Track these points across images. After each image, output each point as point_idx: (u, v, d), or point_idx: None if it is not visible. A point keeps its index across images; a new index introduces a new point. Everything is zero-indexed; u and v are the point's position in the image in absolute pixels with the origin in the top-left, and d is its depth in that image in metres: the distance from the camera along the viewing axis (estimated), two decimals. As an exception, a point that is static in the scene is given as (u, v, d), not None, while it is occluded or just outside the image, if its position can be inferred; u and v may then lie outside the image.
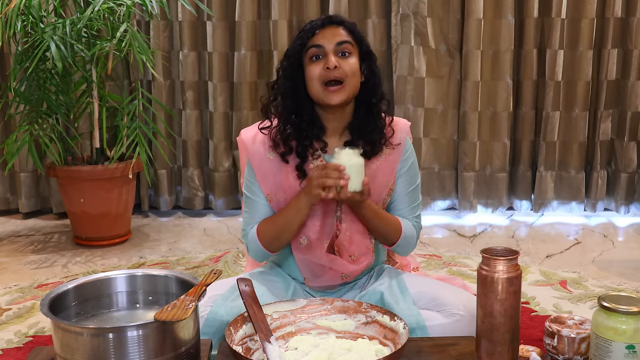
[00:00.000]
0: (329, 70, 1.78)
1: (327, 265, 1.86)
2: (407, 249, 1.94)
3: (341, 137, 1.88)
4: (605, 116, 3.67)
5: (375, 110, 1.86)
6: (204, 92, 3.79)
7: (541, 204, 3.74)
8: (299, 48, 1.82)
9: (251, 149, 1.89)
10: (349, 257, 1.87)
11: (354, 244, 1.87)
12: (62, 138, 3.31)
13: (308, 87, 1.82)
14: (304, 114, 1.84)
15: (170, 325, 1.40)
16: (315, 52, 1.81)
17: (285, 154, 1.84)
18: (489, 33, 3.59)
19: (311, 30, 1.82)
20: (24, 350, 2.18)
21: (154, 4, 3.15)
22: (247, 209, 1.92)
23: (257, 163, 1.88)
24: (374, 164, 1.87)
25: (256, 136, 1.90)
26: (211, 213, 3.85)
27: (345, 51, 1.81)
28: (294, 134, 1.84)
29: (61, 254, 3.19)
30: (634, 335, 1.42)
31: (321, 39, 1.81)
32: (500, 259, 1.47)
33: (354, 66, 1.81)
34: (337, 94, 1.79)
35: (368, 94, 1.86)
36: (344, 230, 1.85)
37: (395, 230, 1.88)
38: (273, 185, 1.86)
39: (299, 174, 1.84)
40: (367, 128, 1.85)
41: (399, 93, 3.68)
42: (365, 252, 1.89)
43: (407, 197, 1.93)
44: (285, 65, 1.85)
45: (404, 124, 1.95)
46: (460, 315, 1.74)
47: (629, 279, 2.80)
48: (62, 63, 3.01)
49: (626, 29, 3.57)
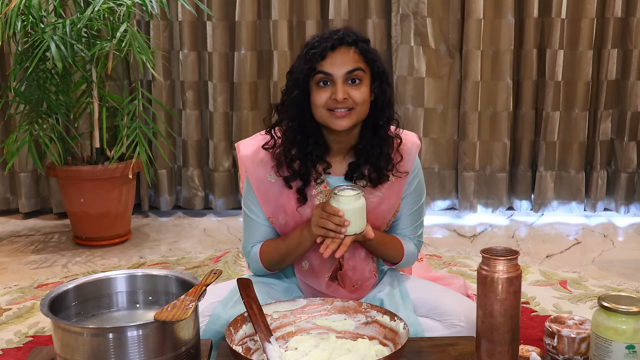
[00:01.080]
0: (336, 102, 1.69)
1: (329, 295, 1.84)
2: (408, 265, 1.93)
3: (345, 158, 1.82)
4: (605, 116, 3.67)
5: (382, 133, 1.78)
6: (204, 92, 3.79)
7: (541, 204, 3.74)
8: (307, 72, 1.71)
9: (251, 169, 1.82)
10: (352, 287, 1.85)
11: (357, 272, 1.84)
12: (62, 138, 3.31)
13: (313, 111, 1.74)
14: (309, 136, 1.76)
15: (170, 325, 1.40)
16: (323, 79, 1.71)
17: (289, 179, 1.78)
18: (489, 33, 3.59)
19: (321, 53, 1.69)
20: (24, 350, 2.18)
21: (154, 4, 3.15)
22: (247, 227, 1.87)
23: (257, 184, 1.82)
24: (379, 192, 1.81)
25: (257, 154, 1.81)
26: (211, 213, 3.85)
27: (356, 78, 1.71)
28: (297, 155, 1.77)
29: (61, 254, 3.19)
30: (634, 335, 1.42)
31: (330, 66, 1.69)
32: (500, 259, 1.47)
33: (363, 94, 1.72)
34: (344, 119, 1.71)
35: (376, 114, 1.77)
36: (347, 259, 1.81)
37: (398, 253, 1.86)
38: (275, 208, 1.82)
39: (300, 198, 1.78)
40: (373, 152, 1.78)
41: (399, 93, 3.68)
42: (369, 277, 1.87)
43: (411, 216, 1.89)
44: (291, 87, 1.74)
45: (412, 146, 1.86)
46: (460, 327, 1.75)
47: (629, 279, 2.80)
48: (62, 63, 3.01)
49: (626, 29, 3.57)
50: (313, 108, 1.73)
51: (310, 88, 1.73)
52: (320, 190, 1.79)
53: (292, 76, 1.74)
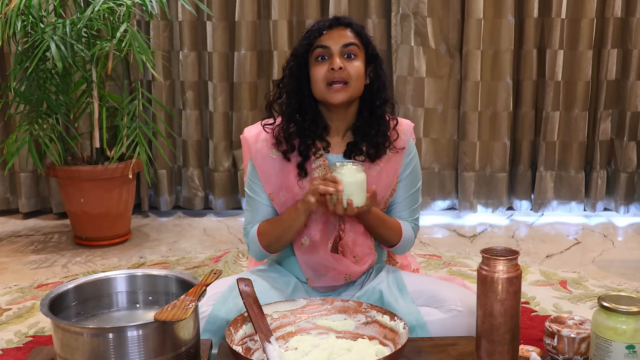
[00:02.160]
0: (333, 72, 1.79)
1: (331, 266, 1.86)
2: (405, 249, 1.97)
3: (344, 137, 1.90)
4: (605, 116, 3.67)
5: (379, 113, 1.87)
6: (204, 92, 3.79)
7: (541, 204, 3.74)
8: (306, 47, 1.83)
9: (254, 147, 1.90)
10: (353, 258, 1.88)
11: (358, 245, 1.88)
12: (62, 138, 3.31)
13: (312, 87, 1.84)
14: (307, 113, 1.85)
15: (170, 325, 1.40)
16: (321, 53, 1.82)
17: (287, 151, 1.85)
18: (489, 33, 3.59)
19: (318, 30, 1.82)
20: (24, 350, 2.18)
21: (154, 4, 3.15)
22: (249, 207, 1.93)
23: (260, 161, 1.89)
24: (378, 166, 1.87)
25: (259, 134, 1.91)
26: (211, 213, 3.85)
27: (351, 53, 1.82)
28: (297, 132, 1.85)
29: (61, 254, 3.19)
30: (634, 335, 1.42)
31: (327, 40, 1.81)
32: (500, 259, 1.47)
33: (358, 69, 1.82)
34: (340, 92, 1.80)
35: (372, 96, 1.87)
36: (347, 231, 1.86)
37: (396, 234, 1.90)
38: (276, 184, 1.87)
39: (300, 172, 1.85)
40: (370, 131, 1.86)
41: (399, 93, 3.68)
42: (368, 253, 1.90)
43: (408, 199, 1.94)
44: (292, 64, 1.85)
45: (408, 126, 1.95)
46: (458, 310, 1.76)
47: (629, 279, 2.80)
48: (62, 63, 3.01)
49: (626, 29, 3.57)
50: (312, 84, 1.83)
51: (309, 66, 1.83)
52: (319, 164, 1.85)
53: (293, 54, 1.86)
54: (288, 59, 1.88)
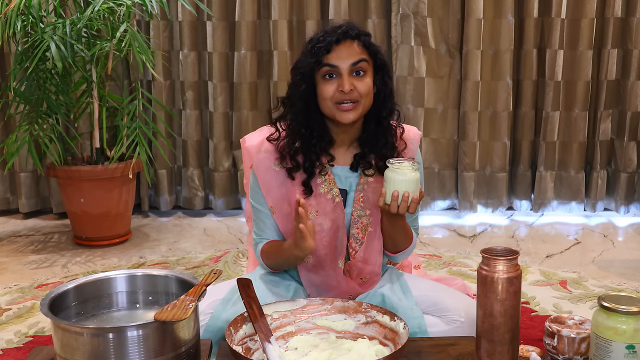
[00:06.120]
0: (343, 93, 1.73)
1: (336, 286, 1.84)
2: (407, 255, 1.94)
3: (349, 149, 1.86)
4: (605, 116, 3.67)
5: (385, 124, 1.83)
6: (204, 92, 3.79)
7: (541, 204, 3.74)
8: (313, 65, 1.75)
9: (256, 158, 1.85)
10: (360, 280, 1.86)
11: (369, 264, 1.85)
12: (62, 138, 3.31)
13: (319, 103, 1.78)
14: (315, 129, 1.80)
15: (170, 325, 1.40)
16: (329, 71, 1.75)
17: (292, 170, 1.81)
18: (489, 33, 3.59)
19: (326, 47, 1.74)
20: (24, 350, 2.18)
21: (154, 4, 3.15)
22: (256, 218, 1.90)
23: (262, 173, 1.84)
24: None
25: (261, 144, 1.86)
26: (211, 213, 3.85)
27: (361, 70, 1.76)
28: (302, 148, 1.80)
29: (61, 254, 3.19)
30: (634, 335, 1.42)
31: (336, 59, 1.74)
32: (500, 259, 1.47)
33: (368, 85, 1.76)
34: (350, 112, 1.75)
35: (379, 106, 1.81)
36: (360, 250, 1.83)
37: (409, 239, 1.87)
38: (278, 197, 1.84)
39: (305, 190, 1.81)
40: (377, 143, 1.82)
41: (399, 93, 3.68)
42: (377, 273, 1.88)
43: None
44: (298, 81, 1.78)
45: (415, 135, 1.91)
46: (460, 322, 1.76)
47: (629, 279, 2.80)
48: (62, 63, 3.01)
49: (626, 29, 3.57)
50: (320, 101, 1.78)
51: (315, 82, 1.77)
52: (325, 179, 1.82)
53: (298, 70, 1.78)
54: (293, 76, 1.80)
